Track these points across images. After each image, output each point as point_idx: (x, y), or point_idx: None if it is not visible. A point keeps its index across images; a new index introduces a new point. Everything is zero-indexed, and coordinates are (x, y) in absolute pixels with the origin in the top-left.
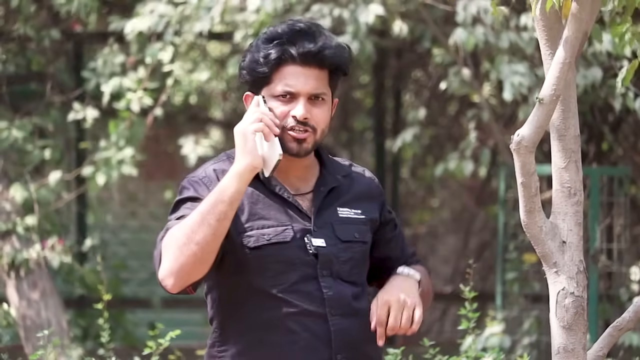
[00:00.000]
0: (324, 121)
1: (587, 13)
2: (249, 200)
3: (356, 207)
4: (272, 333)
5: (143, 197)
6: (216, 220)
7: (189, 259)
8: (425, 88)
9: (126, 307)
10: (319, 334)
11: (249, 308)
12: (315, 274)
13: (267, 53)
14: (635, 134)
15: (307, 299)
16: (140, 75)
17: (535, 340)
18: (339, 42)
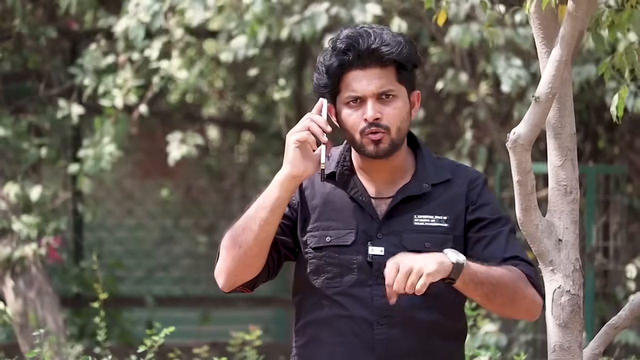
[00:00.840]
0: (397, 118)
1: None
2: (324, 199)
3: (443, 213)
4: (325, 332)
5: (139, 196)
6: (258, 225)
7: (234, 261)
8: (422, 87)
9: (122, 306)
10: (365, 340)
11: (309, 305)
12: (370, 280)
13: (328, 65)
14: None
15: (358, 304)
16: (128, 73)
17: (531, 338)
18: (399, 36)
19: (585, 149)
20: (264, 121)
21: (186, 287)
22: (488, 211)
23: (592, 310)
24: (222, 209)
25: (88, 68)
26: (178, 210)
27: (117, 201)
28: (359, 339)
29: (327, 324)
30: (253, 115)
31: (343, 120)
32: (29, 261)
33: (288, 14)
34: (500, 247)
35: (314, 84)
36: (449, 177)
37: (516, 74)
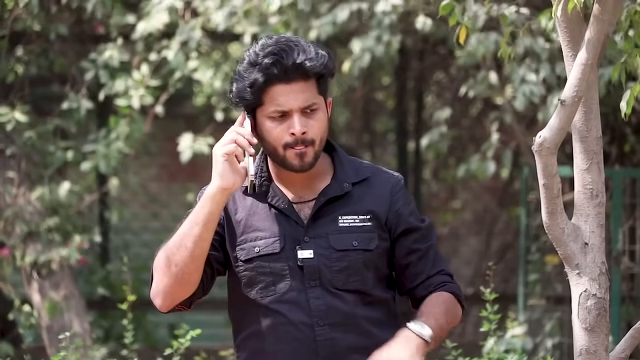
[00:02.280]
0: (320, 130)
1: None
2: (247, 212)
3: (366, 212)
4: (267, 342)
5: (165, 199)
6: (192, 242)
7: (170, 280)
8: (447, 90)
9: (147, 309)
10: (306, 344)
11: (247, 318)
12: (303, 285)
13: (252, 80)
14: None
15: (296, 310)
16: (144, 73)
17: (557, 342)
18: (319, 47)
19: (612, 152)
20: None
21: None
22: (417, 219)
23: (618, 314)
24: None
25: (100, 64)
26: None
27: (143, 204)
28: (301, 343)
29: (268, 333)
30: None
31: (265, 132)
32: (56, 264)
33: (315, 16)
34: (430, 262)
35: (233, 94)
36: (367, 176)
37: (530, 91)
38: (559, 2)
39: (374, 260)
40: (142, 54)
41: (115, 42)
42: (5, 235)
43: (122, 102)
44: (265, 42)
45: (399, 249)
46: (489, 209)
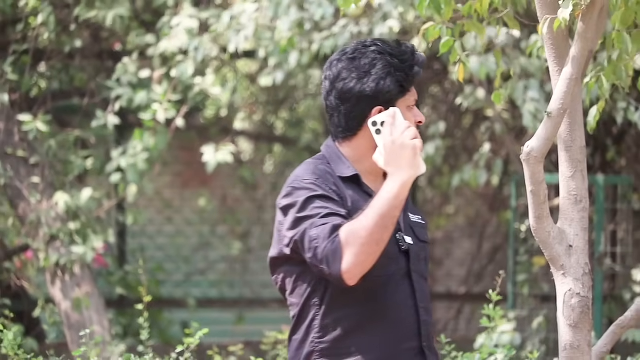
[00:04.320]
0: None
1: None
2: (352, 200)
3: (418, 213)
4: (371, 321)
5: (178, 205)
6: (392, 223)
7: (370, 256)
8: (442, 102)
9: (163, 307)
10: (410, 324)
11: (348, 299)
12: (407, 268)
13: (414, 73)
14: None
15: (403, 292)
16: (165, 88)
17: (544, 337)
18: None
19: (595, 161)
20: (294, 135)
21: (222, 290)
22: None
23: (600, 312)
24: (255, 217)
25: (123, 81)
26: (214, 218)
27: (158, 210)
28: (405, 324)
29: (372, 314)
30: (283, 129)
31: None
32: (77, 265)
33: (318, 30)
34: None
35: (389, 86)
36: None
37: (535, 108)
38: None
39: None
40: (160, 70)
41: (132, 59)
42: (30, 239)
43: (146, 116)
44: (401, 45)
45: None
46: (481, 214)
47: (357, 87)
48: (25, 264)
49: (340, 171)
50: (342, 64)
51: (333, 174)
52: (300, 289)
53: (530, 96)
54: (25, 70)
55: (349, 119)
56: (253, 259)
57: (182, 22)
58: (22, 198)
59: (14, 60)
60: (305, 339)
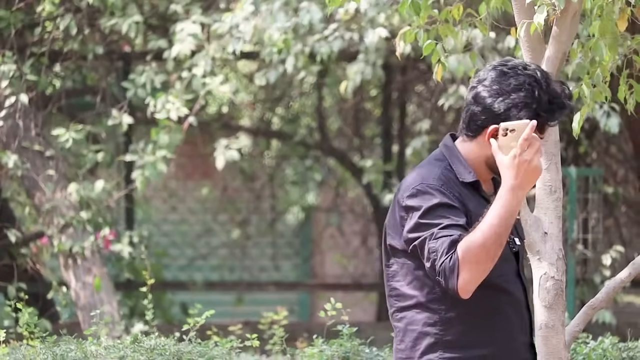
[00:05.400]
0: None
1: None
2: (473, 204)
3: None
4: (494, 316)
5: (182, 195)
6: (506, 239)
7: (485, 272)
8: (427, 100)
9: (167, 289)
10: (523, 321)
11: (476, 295)
12: (517, 267)
13: (551, 118)
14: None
15: (517, 289)
16: (177, 89)
17: None
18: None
19: (568, 154)
20: (290, 130)
21: (223, 274)
22: None
23: (573, 294)
24: (253, 206)
25: (139, 83)
26: (216, 207)
27: (163, 199)
28: (521, 320)
29: (493, 309)
30: (280, 124)
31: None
32: (88, 251)
33: (311, 33)
34: None
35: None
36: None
37: None
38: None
39: None
40: (174, 72)
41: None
42: (45, 226)
43: (161, 116)
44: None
45: None
46: None
47: (489, 101)
48: (41, 250)
49: (462, 176)
50: (494, 72)
51: (456, 179)
52: (420, 281)
53: None
54: (41, 71)
55: (472, 121)
56: (251, 245)
57: (186, 27)
58: (38, 188)
59: (32, 62)
60: (427, 331)
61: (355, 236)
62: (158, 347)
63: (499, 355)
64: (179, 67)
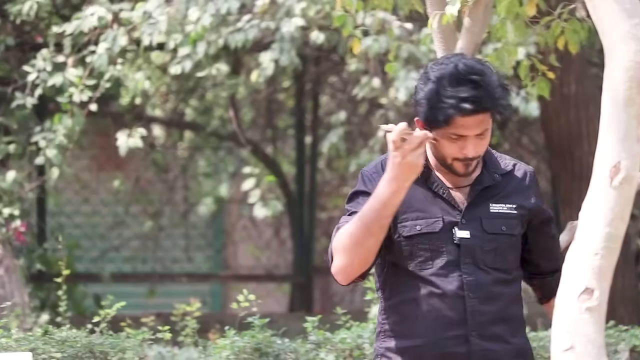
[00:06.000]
0: (485, 147)
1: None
2: (409, 195)
3: (511, 202)
4: (418, 309)
5: (94, 186)
6: (379, 228)
7: (355, 260)
8: (340, 91)
9: (79, 281)
10: (457, 313)
11: (401, 287)
12: (458, 261)
13: (446, 114)
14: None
15: (450, 282)
16: (80, 73)
17: None
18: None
19: None
20: (203, 121)
21: (135, 265)
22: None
23: None
24: (166, 198)
25: (40, 66)
26: (128, 199)
27: (75, 191)
28: (452, 313)
29: (422, 301)
30: (193, 116)
31: (440, 146)
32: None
33: (225, 25)
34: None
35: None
36: (510, 168)
37: (413, 86)
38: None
39: (516, 244)
40: (73, 55)
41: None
42: None
43: (64, 99)
44: (458, 72)
45: (542, 235)
46: None
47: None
48: None
49: None
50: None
51: None
52: (377, 273)
53: (411, 76)
54: None
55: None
56: (164, 236)
57: (97, 11)
58: None
59: None
60: (378, 319)
61: (268, 227)
62: (69, 339)
63: (427, 347)
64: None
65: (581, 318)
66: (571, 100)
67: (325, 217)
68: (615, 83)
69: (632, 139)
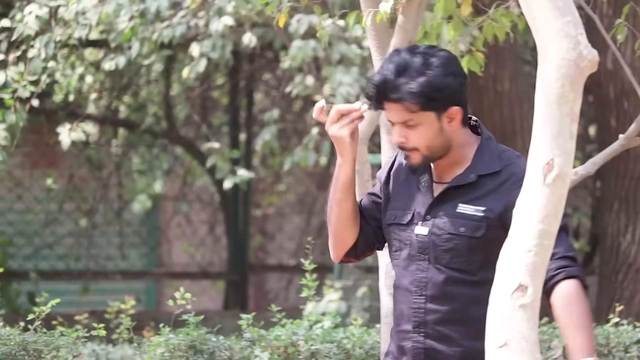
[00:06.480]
0: (421, 140)
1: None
2: (400, 183)
3: (481, 204)
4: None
5: (28, 184)
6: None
7: (330, 236)
8: (274, 89)
9: (12, 279)
10: (405, 308)
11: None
12: (415, 256)
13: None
14: None
15: (404, 276)
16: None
17: (367, 305)
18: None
19: None
20: (137, 118)
21: (69, 263)
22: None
23: None
24: (100, 195)
25: None
26: (62, 196)
27: (9, 188)
28: (403, 306)
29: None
30: (127, 113)
31: None
32: None
33: (159, 21)
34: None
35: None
36: (497, 169)
37: (347, 91)
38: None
39: (481, 246)
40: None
41: None
42: None
43: (6, 95)
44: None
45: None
46: (310, 191)
47: None
48: None
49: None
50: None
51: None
52: None
53: (345, 80)
54: None
55: None
56: (98, 234)
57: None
58: None
59: None
60: None
61: (203, 225)
62: (3, 337)
63: (392, 336)
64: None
65: (515, 315)
66: (505, 97)
67: (260, 214)
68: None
69: (565, 136)
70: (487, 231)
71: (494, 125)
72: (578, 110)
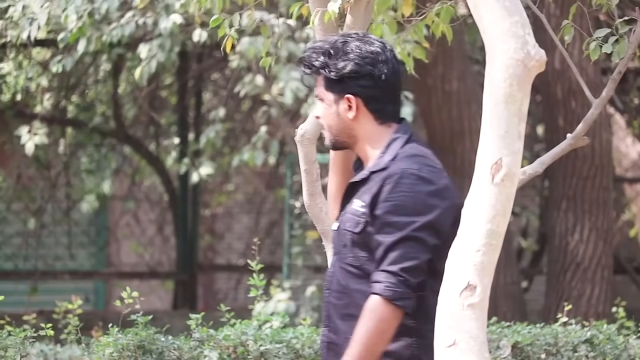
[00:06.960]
0: (325, 119)
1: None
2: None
3: (363, 199)
4: None
5: None
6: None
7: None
8: (223, 88)
9: None
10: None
11: None
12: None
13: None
14: None
15: (328, 274)
16: None
17: (316, 305)
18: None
19: None
20: (85, 118)
21: (17, 263)
22: (393, 213)
23: None
24: (48, 195)
25: None
26: (10, 196)
27: None
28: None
29: None
30: (75, 112)
31: None
32: None
33: (107, 22)
34: (379, 257)
35: None
36: (386, 166)
37: (296, 87)
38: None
39: (364, 241)
40: None
41: None
42: None
43: None
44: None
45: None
46: (258, 191)
47: None
48: None
49: None
50: None
51: None
52: None
53: (293, 76)
54: None
55: None
56: (46, 234)
57: None
58: None
59: None
60: None
61: (151, 224)
62: None
63: None
64: None
65: (463, 314)
66: (453, 97)
67: (208, 214)
68: (496, 80)
69: (513, 136)
70: (364, 227)
71: (443, 125)
72: (526, 109)
